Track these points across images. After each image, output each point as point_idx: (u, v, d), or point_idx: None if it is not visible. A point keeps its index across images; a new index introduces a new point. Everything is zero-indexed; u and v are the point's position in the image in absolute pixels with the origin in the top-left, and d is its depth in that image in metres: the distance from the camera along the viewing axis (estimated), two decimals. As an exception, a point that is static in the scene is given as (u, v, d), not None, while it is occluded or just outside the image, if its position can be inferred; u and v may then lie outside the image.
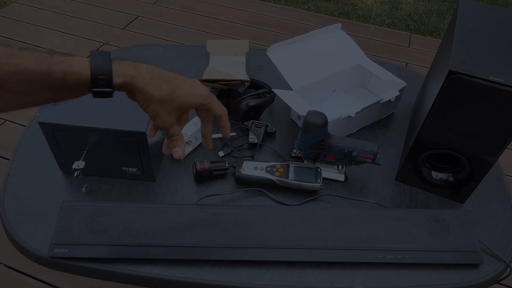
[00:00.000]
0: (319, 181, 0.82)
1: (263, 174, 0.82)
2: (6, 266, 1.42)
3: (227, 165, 0.84)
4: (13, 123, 1.90)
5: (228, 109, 0.96)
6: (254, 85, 1.01)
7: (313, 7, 2.94)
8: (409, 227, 0.75)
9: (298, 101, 0.92)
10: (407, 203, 0.84)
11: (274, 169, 0.83)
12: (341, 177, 0.87)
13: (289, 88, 0.95)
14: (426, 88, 0.89)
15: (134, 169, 0.81)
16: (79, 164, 0.76)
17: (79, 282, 1.39)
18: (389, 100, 0.96)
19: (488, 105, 0.67)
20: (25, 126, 0.93)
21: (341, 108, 1.03)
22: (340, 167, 0.87)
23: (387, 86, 1.00)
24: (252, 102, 0.93)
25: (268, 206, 0.80)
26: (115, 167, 0.81)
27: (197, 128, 0.88)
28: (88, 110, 0.76)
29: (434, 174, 0.84)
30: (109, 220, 0.72)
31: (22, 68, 0.46)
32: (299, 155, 0.91)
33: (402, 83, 0.98)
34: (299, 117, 0.97)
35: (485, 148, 0.74)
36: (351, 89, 1.09)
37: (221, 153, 0.90)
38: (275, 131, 0.96)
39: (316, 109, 0.81)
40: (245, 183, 0.84)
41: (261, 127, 0.94)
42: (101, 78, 0.49)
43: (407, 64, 2.49)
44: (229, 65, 1.07)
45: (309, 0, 3.01)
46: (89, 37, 2.45)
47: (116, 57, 0.52)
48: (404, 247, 0.73)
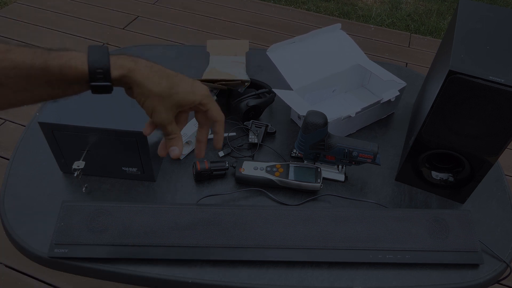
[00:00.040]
0: (319, 181, 0.82)
1: (263, 174, 0.82)
2: (6, 266, 1.42)
3: (227, 165, 0.84)
4: (13, 123, 1.90)
5: (228, 109, 0.97)
6: (254, 85, 1.01)
7: (313, 7, 2.94)
8: (409, 227, 0.75)
9: (298, 101, 0.92)
10: (407, 203, 0.84)
11: (274, 169, 0.83)
12: (341, 177, 0.87)
13: (289, 88, 0.95)
14: (426, 88, 0.89)
15: (134, 169, 0.81)
16: (79, 164, 0.76)
17: (79, 282, 1.39)
18: (389, 100, 0.96)
19: (488, 105, 0.67)
20: (25, 126, 0.93)
21: (341, 108, 1.03)
22: (340, 167, 0.87)
23: (387, 86, 1.00)
24: (252, 102, 0.93)
25: (268, 206, 0.80)
26: (115, 167, 0.81)
27: (197, 128, 0.87)
28: (88, 110, 0.76)
29: (434, 174, 0.84)
30: (109, 220, 0.72)
31: (19, 63, 0.46)
32: (299, 155, 0.91)
33: (402, 83, 0.98)
34: (299, 117, 0.97)
35: (485, 148, 0.74)
36: (351, 89, 1.09)
37: (221, 153, 0.90)
38: (275, 131, 0.96)
39: (316, 109, 0.81)
40: (245, 183, 0.84)
41: (261, 127, 0.93)
42: (99, 72, 0.49)
43: (407, 64, 2.49)
44: (229, 65, 1.07)
45: (309, 0, 3.01)
46: (89, 37, 2.46)
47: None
48: (404, 247, 0.73)
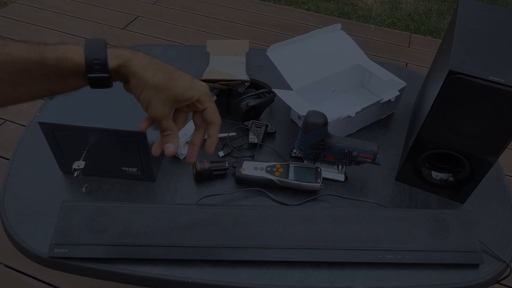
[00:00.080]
0: (319, 181, 0.82)
1: (263, 174, 0.82)
2: (6, 266, 1.42)
3: (227, 165, 0.84)
4: (13, 123, 1.90)
5: (228, 109, 0.97)
6: (254, 85, 1.01)
7: (313, 7, 2.94)
8: (409, 227, 0.75)
9: (298, 101, 0.92)
10: (407, 203, 0.84)
11: (274, 169, 0.83)
12: (341, 177, 0.87)
13: (289, 88, 0.95)
14: (426, 88, 0.89)
15: (134, 169, 0.81)
16: (79, 164, 0.76)
17: (79, 282, 1.39)
18: (389, 100, 0.96)
19: (488, 105, 0.67)
20: (25, 126, 0.93)
21: (341, 108, 1.03)
22: (340, 167, 0.87)
23: (387, 86, 1.00)
24: (252, 102, 0.93)
25: (268, 206, 0.80)
26: (115, 167, 0.81)
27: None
28: (88, 110, 0.76)
29: (434, 174, 0.84)
30: (109, 220, 0.72)
31: (15, 57, 0.46)
32: (299, 155, 0.91)
33: (402, 83, 0.98)
34: (299, 117, 0.97)
35: (485, 148, 0.74)
36: (351, 89, 1.09)
37: (221, 153, 0.90)
38: (275, 131, 0.96)
39: (316, 109, 0.81)
40: (245, 183, 0.84)
41: (261, 127, 0.93)
42: (95, 63, 0.48)
43: (407, 64, 2.49)
44: (229, 65, 1.07)
45: (309, 0, 3.01)
46: (89, 37, 2.43)
47: None
48: (404, 247, 0.73)
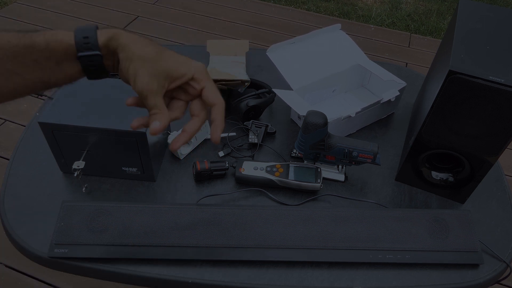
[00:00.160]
0: (319, 181, 0.82)
1: (263, 174, 0.82)
2: (6, 266, 1.42)
3: (227, 165, 0.84)
4: (13, 123, 1.90)
5: (228, 109, 0.97)
6: (254, 85, 1.01)
7: (313, 7, 2.94)
8: (409, 227, 0.75)
9: (298, 101, 0.92)
10: (407, 203, 0.84)
11: (274, 169, 0.83)
12: (341, 177, 0.87)
13: (289, 88, 0.95)
14: (426, 88, 0.89)
15: (134, 169, 0.81)
16: (79, 164, 0.76)
17: (79, 282, 1.39)
18: (389, 100, 0.96)
19: (488, 105, 0.67)
20: (25, 126, 0.93)
21: (341, 108, 1.03)
22: (340, 167, 0.87)
23: (387, 86, 1.00)
24: (252, 102, 0.93)
25: (268, 206, 0.80)
26: (115, 167, 0.81)
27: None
28: (88, 110, 0.76)
29: (434, 174, 0.84)
30: (109, 220, 0.72)
31: (4, 44, 0.46)
32: (299, 155, 0.91)
33: (402, 83, 0.98)
34: (299, 117, 0.97)
35: (485, 148, 0.74)
36: (351, 89, 1.09)
37: (221, 153, 0.90)
38: (275, 131, 0.96)
39: (316, 109, 0.81)
40: (245, 183, 0.84)
41: (261, 127, 0.93)
42: (85, 41, 0.48)
43: (407, 64, 2.49)
44: (229, 65, 1.07)
45: (309, 0, 3.01)
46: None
47: None
48: (404, 247, 0.73)
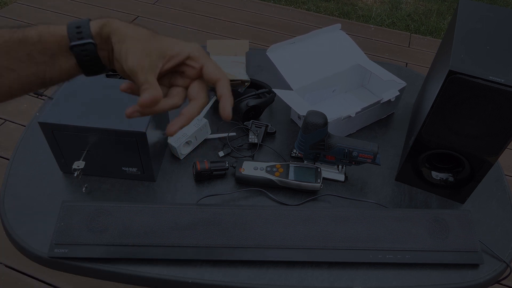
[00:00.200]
0: (319, 181, 0.82)
1: (263, 174, 0.82)
2: (6, 266, 1.42)
3: (227, 165, 0.84)
4: (13, 123, 1.90)
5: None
6: (254, 85, 1.01)
7: (313, 7, 2.94)
8: (409, 227, 0.75)
9: (298, 101, 0.92)
10: (407, 203, 0.84)
11: (274, 169, 0.83)
12: (341, 177, 0.87)
13: (289, 88, 0.95)
14: (426, 88, 0.89)
15: (134, 169, 0.81)
16: (79, 164, 0.76)
17: (79, 282, 1.39)
18: (389, 100, 0.96)
19: (488, 105, 0.67)
20: (25, 126, 0.93)
21: (341, 108, 1.03)
22: (340, 167, 0.87)
23: (387, 86, 1.00)
24: (252, 102, 0.93)
25: (268, 206, 0.80)
26: (115, 167, 0.81)
27: (197, 128, 0.88)
28: (88, 110, 0.76)
29: (434, 174, 0.84)
30: (109, 220, 0.72)
31: None
32: (299, 155, 0.91)
33: (402, 83, 0.98)
34: (299, 117, 0.97)
35: (485, 148, 0.74)
36: (351, 89, 1.09)
37: (221, 153, 0.90)
38: (275, 131, 0.96)
39: (316, 109, 0.81)
40: (245, 183, 0.84)
41: (261, 127, 0.93)
42: (78, 31, 0.48)
43: (407, 64, 2.49)
44: (229, 65, 1.07)
45: (309, 0, 3.01)
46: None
47: None
48: (404, 247, 0.73)
